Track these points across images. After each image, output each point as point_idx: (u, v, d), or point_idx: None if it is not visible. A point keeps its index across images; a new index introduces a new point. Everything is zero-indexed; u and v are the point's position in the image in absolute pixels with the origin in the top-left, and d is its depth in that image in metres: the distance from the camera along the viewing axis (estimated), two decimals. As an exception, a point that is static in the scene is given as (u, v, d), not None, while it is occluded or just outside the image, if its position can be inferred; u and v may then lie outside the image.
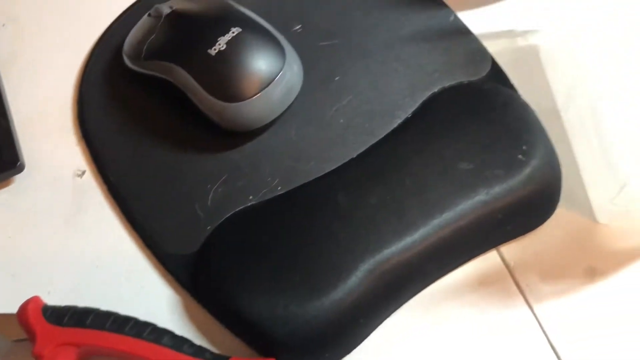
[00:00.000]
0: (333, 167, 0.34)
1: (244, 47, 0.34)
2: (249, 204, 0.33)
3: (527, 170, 0.31)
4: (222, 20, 0.35)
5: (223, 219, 0.33)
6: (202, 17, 0.35)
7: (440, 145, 0.33)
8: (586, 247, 0.32)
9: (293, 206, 0.33)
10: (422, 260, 0.30)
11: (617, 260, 0.32)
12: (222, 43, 0.34)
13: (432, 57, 0.38)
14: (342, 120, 0.36)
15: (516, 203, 0.31)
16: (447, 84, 0.36)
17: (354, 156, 0.34)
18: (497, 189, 0.31)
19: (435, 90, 0.36)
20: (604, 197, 0.32)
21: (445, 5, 0.40)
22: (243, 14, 0.35)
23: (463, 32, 0.39)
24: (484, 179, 0.31)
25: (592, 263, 0.32)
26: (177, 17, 0.36)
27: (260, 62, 0.34)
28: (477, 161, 0.32)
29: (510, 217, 0.31)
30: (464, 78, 0.37)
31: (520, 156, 0.32)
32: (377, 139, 0.35)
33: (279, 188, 0.34)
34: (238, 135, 0.35)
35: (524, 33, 0.39)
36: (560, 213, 0.33)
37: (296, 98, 0.36)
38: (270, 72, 0.34)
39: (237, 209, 0.33)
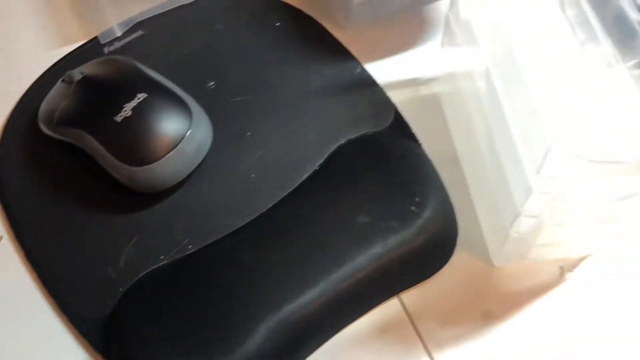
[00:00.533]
0: (243, 223, 0.35)
1: (149, 112, 0.35)
2: (160, 264, 0.34)
3: (419, 222, 0.33)
4: (129, 86, 0.36)
5: (134, 280, 0.34)
6: (110, 83, 0.37)
7: (340, 199, 0.34)
8: (483, 291, 0.34)
9: (201, 265, 0.34)
10: (323, 315, 0.32)
11: (511, 302, 0.33)
12: (127, 109, 0.35)
13: (339, 109, 0.39)
14: (253, 175, 0.37)
15: (411, 253, 0.33)
16: (352, 135, 0.38)
17: (264, 211, 0.36)
18: (392, 241, 0.32)
19: (342, 142, 0.38)
20: (497, 240, 0.34)
21: (352, 58, 0.42)
22: (150, 79, 0.37)
23: (369, 83, 0.41)
24: (380, 232, 0.33)
25: (488, 306, 0.33)
26: (86, 84, 0.37)
27: (166, 125, 0.35)
28: (373, 214, 0.33)
29: (407, 267, 0.33)
30: (368, 129, 0.38)
31: (413, 208, 0.33)
32: (286, 193, 0.36)
33: (190, 247, 0.35)
34: (150, 196, 0.36)
35: (428, 81, 0.41)
36: (459, 257, 0.34)
37: (208, 155, 0.37)
38: (177, 134, 0.35)
39: (148, 270, 0.34)
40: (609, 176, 0.25)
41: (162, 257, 0.35)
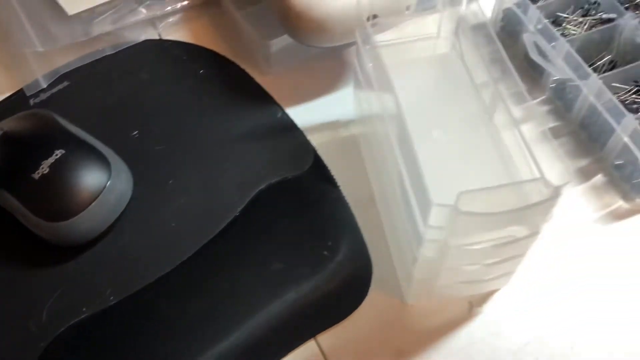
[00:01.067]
0: (164, 272, 0.36)
1: (66, 168, 0.36)
2: (82, 317, 0.35)
3: (331, 266, 0.34)
4: (47, 142, 0.37)
5: (56, 334, 0.34)
6: (28, 140, 0.37)
7: (257, 245, 0.36)
8: (397, 329, 0.35)
9: (122, 316, 0.34)
10: (239, 362, 0.33)
11: (423, 339, 0.35)
12: (45, 166, 0.35)
13: (261, 154, 0.41)
14: (173, 224, 0.38)
15: (325, 297, 0.34)
16: (273, 180, 0.39)
17: (184, 259, 0.36)
18: (305, 287, 0.34)
19: (262, 187, 0.39)
20: (406, 280, 0.35)
21: (274, 102, 0.43)
22: (69, 133, 0.37)
23: (289, 127, 0.42)
24: (293, 278, 0.34)
25: (401, 344, 0.35)
26: (6, 141, 0.37)
27: (84, 180, 0.36)
28: (287, 260, 0.34)
29: (322, 310, 0.34)
30: (288, 173, 0.39)
31: (325, 252, 0.34)
32: (207, 240, 0.37)
33: (111, 298, 0.35)
34: (72, 249, 0.37)
35: (347, 123, 0.43)
36: (374, 296, 0.36)
37: (129, 205, 0.38)
38: (95, 188, 0.36)
39: (70, 323, 0.35)
40: (486, 226, 0.27)
41: (84, 309, 0.35)
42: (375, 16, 0.38)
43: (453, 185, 0.27)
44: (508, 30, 0.46)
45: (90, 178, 0.36)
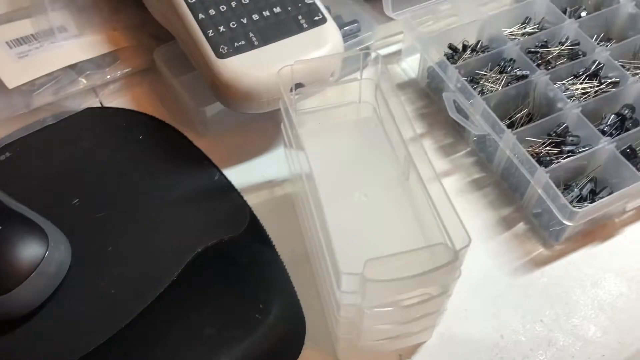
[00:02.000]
0: (102, 341, 0.36)
1: (3, 243, 0.36)
2: (20, 391, 0.35)
3: (262, 328, 0.35)
4: (-17, 219, 0.38)
5: (-8, 409, 0.35)
6: (-35, 216, 0.38)
7: (191, 310, 0.37)
8: (328, 385, 0.36)
9: (59, 388, 0.35)
10: None
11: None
12: (-19, 243, 0.36)
13: (198, 217, 0.42)
14: (113, 291, 0.39)
15: (257, 359, 0.35)
16: (210, 242, 0.40)
17: (122, 326, 0.37)
18: (237, 350, 0.35)
19: (200, 249, 0.40)
20: (336, 337, 0.37)
21: (211, 165, 0.45)
22: (6, 208, 0.38)
23: (226, 189, 0.44)
24: (226, 342, 0.35)
25: (332, 400, 0.36)
26: (-57, 218, 0.38)
27: (21, 253, 0.37)
28: (220, 325, 0.35)
29: (255, 372, 0.35)
30: (225, 234, 0.41)
31: (257, 315, 0.36)
32: (145, 306, 0.38)
33: (50, 369, 0.36)
34: (8, 322, 0.37)
35: (282, 182, 0.45)
36: (308, 355, 0.37)
37: (69, 274, 0.39)
38: (32, 260, 0.37)
39: (6, 398, 0.35)
40: (396, 290, 0.29)
41: (23, 382, 0.36)
42: (300, 84, 0.40)
43: (369, 249, 0.29)
44: (433, 87, 0.49)
45: (28, 251, 0.37)
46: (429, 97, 0.49)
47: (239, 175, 0.44)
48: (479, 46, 0.48)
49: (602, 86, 0.44)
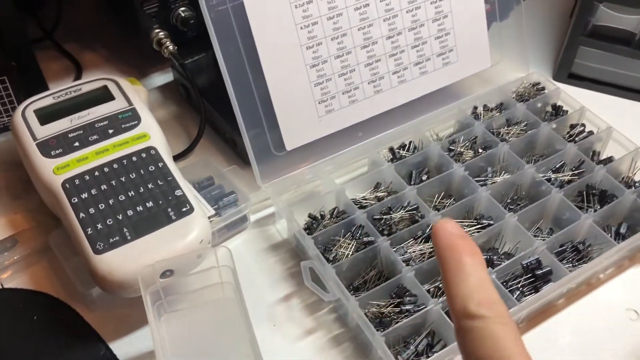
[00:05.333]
0: None
1: None
2: None
3: None
4: None
5: None
6: None
7: None
8: None
9: None
10: None
11: None
12: None
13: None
14: None
15: None
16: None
17: None
18: None
19: None
20: None
21: (99, 340, 0.50)
22: None
23: (111, 364, 0.49)
24: None
25: None
26: None
27: None
28: None
29: None
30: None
31: None
32: None
33: None
34: None
35: (163, 352, 0.50)
36: None
37: None
38: None
39: None
40: None
41: None
42: (170, 271, 0.47)
43: None
44: (300, 249, 0.55)
45: None
46: (299, 257, 0.56)
47: (124, 346, 0.49)
48: (335, 213, 0.55)
49: (436, 246, 0.52)
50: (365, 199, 0.57)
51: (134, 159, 0.51)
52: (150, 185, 0.50)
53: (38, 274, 0.55)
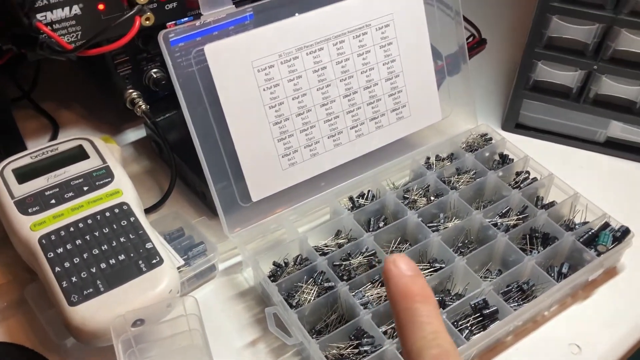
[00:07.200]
0: None
1: None
2: None
3: None
4: None
5: None
6: None
7: None
8: None
9: None
10: None
11: None
12: None
13: None
14: None
15: None
16: None
17: None
18: None
19: None
20: None
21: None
22: None
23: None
24: None
25: None
26: None
27: None
28: None
29: None
30: None
31: None
32: None
33: None
34: None
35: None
36: None
37: None
38: None
39: None
40: None
41: None
42: (141, 320, 0.49)
43: None
44: (266, 296, 0.59)
45: None
46: (265, 303, 0.59)
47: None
48: (299, 260, 0.59)
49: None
50: (327, 246, 0.61)
51: (107, 214, 0.55)
52: (122, 239, 0.53)
53: (14, 327, 0.57)
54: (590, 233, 0.60)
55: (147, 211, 0.67)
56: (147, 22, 0.58)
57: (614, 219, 0.62)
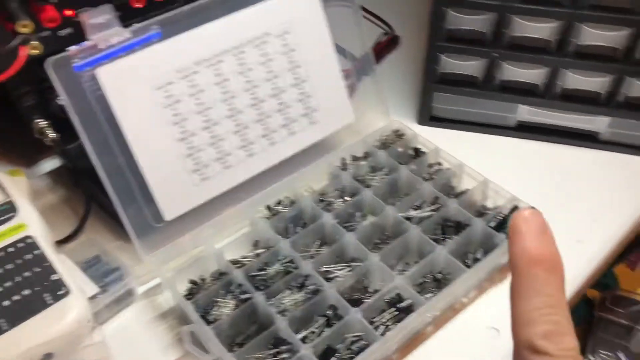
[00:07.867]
0: None
1: None
2: None
3: None
4: None
5: None
6: None
7: None
8: None
9: None
10: None
11: None
12: None
13: None
14: None
15: None
16: None
17: None
18: None
19: None
20: None
21: None
22: None
23: None
24: None
25: None
26: None
27: None
28: None
29: None
30: None
31: None
32: None
33: None
34: None
35: None
36: None
37: None
38: None
39: None
40: None
41: None
42: (49, 354, 0.48)
43: None
44: (185, 314, 0.58)
45: None
46: (186, 322, 0.59)
47: None
48: (218, 275, 0.59)
49: (309, 294, 0.56)
50: (245, 258, 0.61)
51: (10, 250, 0.53)
52: (26, 274, 0.52)
53: None
54: (499, 217, 0.62)
55: (64, 241, 0.65)
56: (35, 51, 0.57)
57: (522, 201, 0.63)
